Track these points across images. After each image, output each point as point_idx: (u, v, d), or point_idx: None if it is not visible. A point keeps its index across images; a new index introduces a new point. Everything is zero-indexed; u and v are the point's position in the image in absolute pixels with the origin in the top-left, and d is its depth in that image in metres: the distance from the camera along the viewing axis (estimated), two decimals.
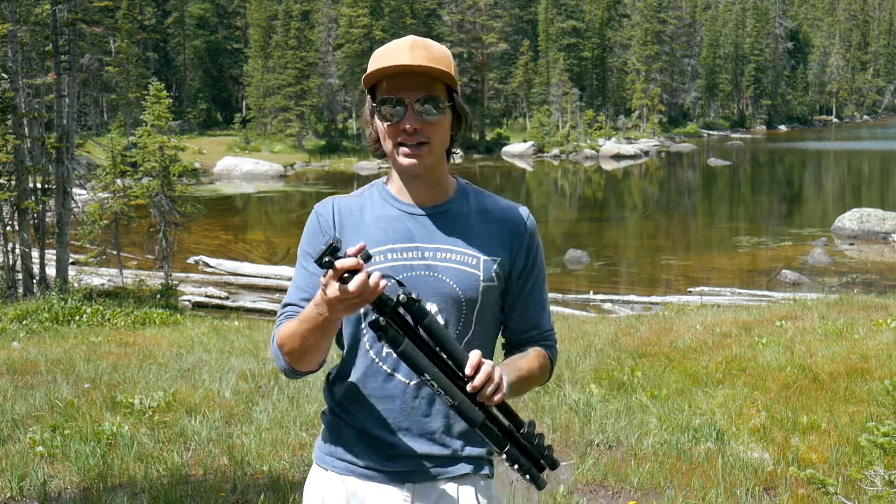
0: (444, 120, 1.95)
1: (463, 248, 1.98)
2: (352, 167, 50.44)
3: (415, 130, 1.91)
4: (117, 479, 4.60)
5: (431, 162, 1.96)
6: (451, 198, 2.04)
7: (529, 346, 2.08)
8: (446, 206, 2.02)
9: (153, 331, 12.01)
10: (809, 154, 62.07)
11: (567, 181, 48.42)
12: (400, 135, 1.92)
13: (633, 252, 25.11)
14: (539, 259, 2.09)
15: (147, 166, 18.98)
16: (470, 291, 1.96)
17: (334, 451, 2.05)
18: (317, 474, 2.08)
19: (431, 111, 1.91)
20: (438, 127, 1.94)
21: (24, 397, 6.40)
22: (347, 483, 2.03)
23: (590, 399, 5.99)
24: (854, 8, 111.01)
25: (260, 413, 5.85)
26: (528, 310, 2.09)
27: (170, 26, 63.52)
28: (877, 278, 19.37)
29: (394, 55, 1.90)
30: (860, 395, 5.96)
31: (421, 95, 1.90)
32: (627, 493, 4.48)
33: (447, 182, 2.05)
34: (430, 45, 1.94)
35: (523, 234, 2.05)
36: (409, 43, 1.91)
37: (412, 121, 1.90)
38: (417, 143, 1.93)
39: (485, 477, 2.07)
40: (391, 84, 1.92)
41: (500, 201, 2.09)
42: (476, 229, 2.01)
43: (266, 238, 27.71)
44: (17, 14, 14.98)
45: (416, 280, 1.95)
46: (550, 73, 66.22)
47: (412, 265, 1.96)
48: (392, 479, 2.01)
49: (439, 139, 1.96)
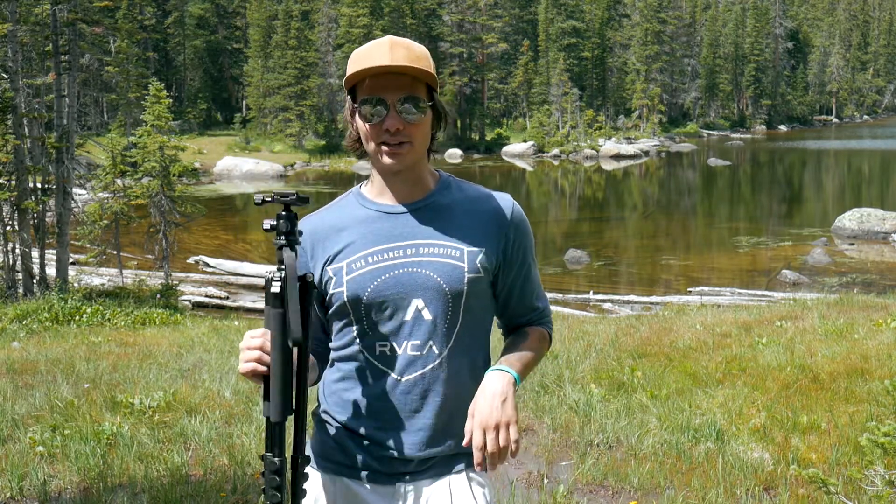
0: (426, 119, 1.95)
1: (445, 240, 1.98)
2: (352, 167, 50.44)
3: (397, 130, 1.91)
4: (117, 479, 4.60)
5: (413, 161, 1.97)
6: (431, 191, 2.03)
7: (530, 325, 2.12)
8: (428, 200, 2.02)
9: (153, 331, 12.00)
10: (809, 154, 62.06)
11: (567, 181, 48.42)
12: (382, 135, 1.93)
13: (633, 252, 25.11)
14: (528, 246, 2.09)
15: (147, 166, 18.97)
16: (455, 284, 1.96)
17: (326, 452, 2.06)
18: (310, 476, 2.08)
19: (412, 111, 1.92)
20: (420, 126, 1.94)
21: (24, 397, 6.40)
22: (339, 484, 2.04)
23: (590, 399, 5.98)
24: (854, 8, 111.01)
25: (260, 413, 5.85)
26: (523, 296, 2.11)
27: (170, 26, 63.52)
28: (877, 278, 19.37)
29: (374, 56, 1.90)
30: (860, 395, 5.96)
31: (402, 95, 1.91)
32: (627, 493, 4.48)
33: (428, 178, 2.05)
34: (410, 44, 1.94)
35: (509, 223, 2.04)
36: (388, 43, 1.91)
37: (394, 121, 1.91)
38: (399, 143, 1.93)
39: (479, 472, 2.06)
40: (372, 84, 1.92)
41: (483, 191, 2.08)
42: (459, 221, 2.01)
43: (266, 238, 27.68)
44: (17, 14, 14.98)
45: (400, 278, 1.95)
46: (550, 73, 66.23)
47: (394, 265, 1.96)
48: (385, 479, 2.01)
49: (421, 138, 1.96)
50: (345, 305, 1.98)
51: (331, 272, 2.00)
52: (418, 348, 1.96)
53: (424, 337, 1.96)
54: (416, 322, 1.96)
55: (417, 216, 2.00)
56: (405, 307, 1.96)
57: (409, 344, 1.96)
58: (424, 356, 1.97)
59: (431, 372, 1.97)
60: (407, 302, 1.95)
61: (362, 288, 1.96)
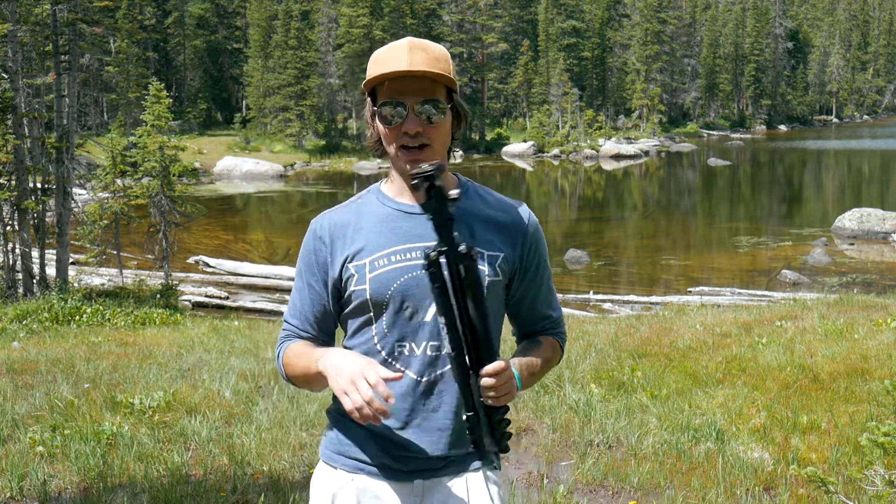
0: (445, 121, 1.96)
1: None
2: (352, 167, 50.45)
3: (416, 133, 1.93)
4: (117, 479, 4.60)
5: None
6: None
7: (541, 335, 2.15)
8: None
9: (153, 331, 12.00)
10: (809, 154, 62.06)
11: (567, 181, 48.41)
12: (402, 137, 1.94)
13: (633, 252, 25.11)
14: (543, 254, 2.13)
15: (147, 166, 18.97)
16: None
17: (343, 449, 2.06)
18: (324, 472, 2.09)
19: (432, 112, 1.93)
20: (439, 128, 1.95)
21: (24, 397, 6.40)
22: (357, 481, 2.04)
23: (590, 399, 5.98)
24: (854, 8, 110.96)
25: (260, 413, 5.85)
26: (536, 304, 2.14)
27: (170, 26, 63.49)
28: (877, 278, 19.37)
29: (393, 59, 1.91)
30: (860, 395, 5.96)
31: (421, 98, 1.92)
32: (627, 493, 4.48)
33: (448, 180, 2.05)
34: (429, 46, 1.95)
35: (526, 232, 2.07)
36: (407, 46, 1.92)
37: (413, 123, 1.92)
38: (419, 146, 1.94)
39: (493, 468, 2.09)
40: (391, 87, 1.93)
41: (502, 198, 2.11)
42: (479, 224, 2.03)
43: (266, 238, 27.70)
44: (17, 14, 14.97)
45: (421, 279, 1.95)
46: (550, 73, 66.21)
47: (417, 265, 1.97)
48: (402, 477, 2.02)
49: (440, 140, 1.97)
50: (366, 303, 1.99)
51: (352, 269, 2.00)
52: (437, 349, 1.98)
53: (443, 338, 1.96)
54: (436, 323, 1.97)
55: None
56: (425, 308, 1.97)
57: (429, 345, 1.98)
58: (443, 356, 1.98)
59: (450, 372, 1.97)
60: (428, 303, 1.96)
61: (385, 286, 1.97)
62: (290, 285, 19.32)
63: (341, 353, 1.92)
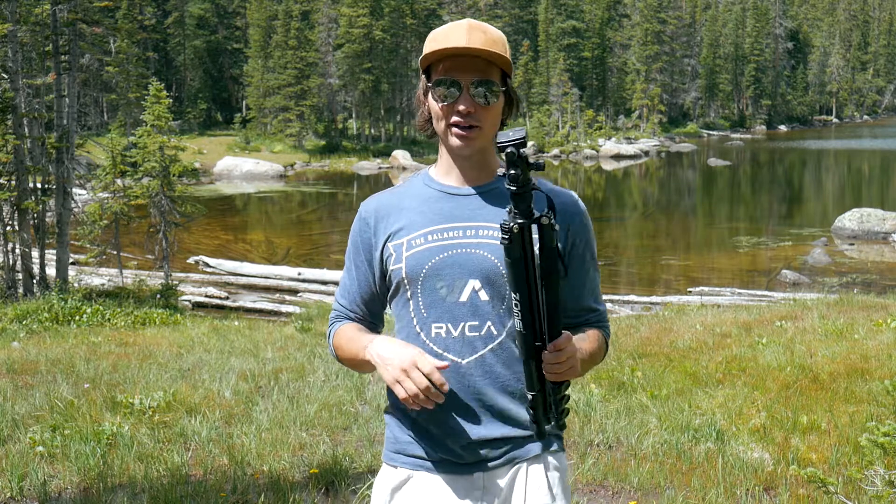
0: (497, 104, 1.98)
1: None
2: (352, 167, 50.45)
3: (468, 112, 1.95)
4: (117, 479, 4.60)
5: (482, 145, 2.00)
6: (498, 177, 2.05)
7: (587, 327, 2.11)
8: (493, 185, 2.05)
9: (153, 331, 12.01)
10: (809, 154, 62.06)
11: (567, 181, 48.40)
12: (453, 115, 1.96)
13: (633, 252, 25.11)
14: (591, 244, 2.11)
15: (147, 166, 18.97)
16: None
17: (402, 448, 2.07)
18: (387, 473, 2.09)
19: (486, 94, 1.95)
20: (491, 110, 1.97)
21: (24, 397, 6.40)
22: (417, 478, 2.04)
23: (590, 399, 5.98)
24: (854, 8, 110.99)
25: (260, 413, 5.85)
26: (583, 294, 2.11)
27: (170, 26, 63.49)
28: (877, 278, 19.36)
29: (451, 37, 1.93)
30: (860, 395, 5.96)
31: (476, 78, 1.94)
32: (627, 493, 4.48)
33: (495, 163, 2.07)
34: (487, 28, 1.97)
35: (573, 216, 2.07)
36: (466, 25, 1.94)
37: (466, 103, 1.94)
38: (469, 126, 1.96)
39: (553, 452, 2.07)
40: (447, 66, 1.95)
41: (549, 184, 2.10)
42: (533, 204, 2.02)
43: (266, 238, 27.69)
44: (17, 14, 14.97)
45: (457, 258, 1.97)
46: (550, 73, 66.24)
47: (452, 244, 1.98)
48: (462, 470, 2.02)
49: (491, 123, 1.99)
50: (402, 282, 2.01)
51: (391, 248, 2.03)
52: (476, 329, 1.97)
53: (482, 318, 1.97)
54: (473, 303, 1.97)
55: (481, 199, 2.03)
56: (461, 287, 1.97)
57: (467, 325, 1.98)
58: (483, 337, 1.98)
59: (491, 354, 1.97)
60: (463, 282, 1.97)
61: (420, 265, 1.98)
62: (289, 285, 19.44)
63: (386, 342, 1.94)
